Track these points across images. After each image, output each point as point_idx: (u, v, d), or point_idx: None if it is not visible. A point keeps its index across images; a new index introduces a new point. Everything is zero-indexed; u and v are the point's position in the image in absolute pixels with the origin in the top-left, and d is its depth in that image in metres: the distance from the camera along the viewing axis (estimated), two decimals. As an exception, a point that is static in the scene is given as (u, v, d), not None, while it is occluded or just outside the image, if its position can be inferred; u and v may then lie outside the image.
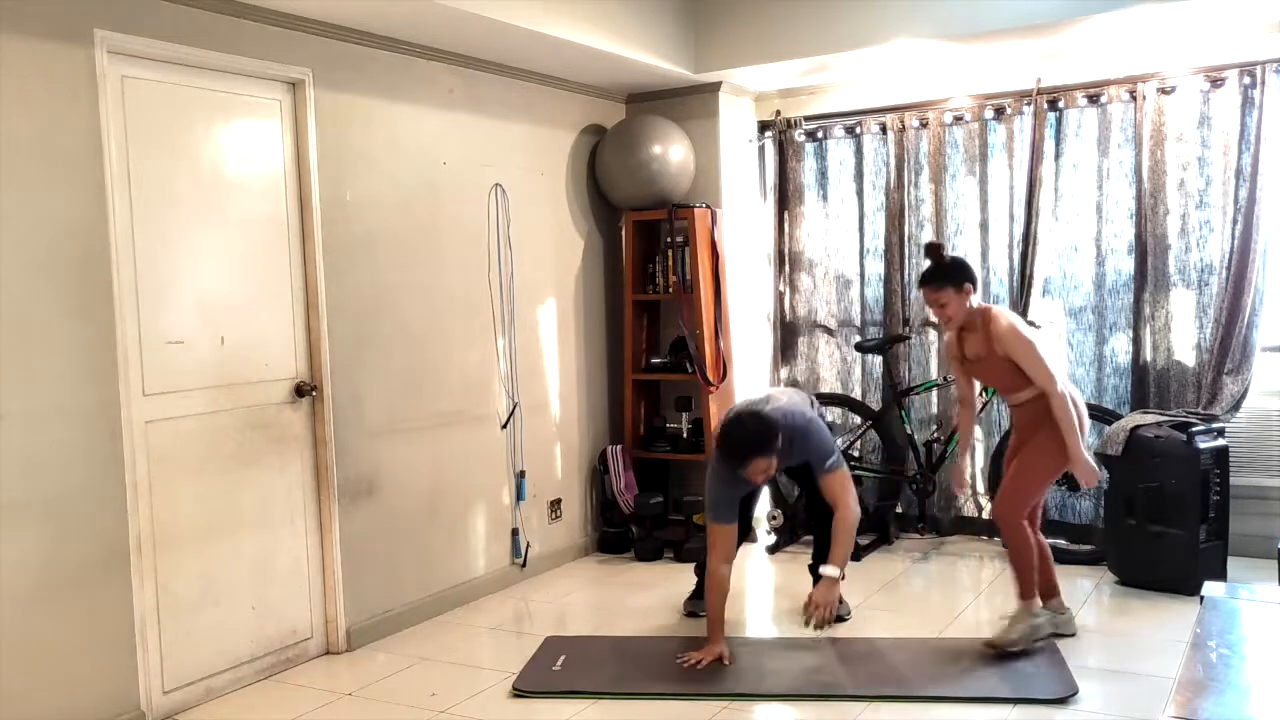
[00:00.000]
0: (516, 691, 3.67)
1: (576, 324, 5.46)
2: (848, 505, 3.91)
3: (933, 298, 3.85)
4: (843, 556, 3.90)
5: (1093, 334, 5.14)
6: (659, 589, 4.83)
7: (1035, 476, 3.82)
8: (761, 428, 3.75)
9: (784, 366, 5.89)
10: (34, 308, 3.17)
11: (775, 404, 3.97)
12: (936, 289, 3.82)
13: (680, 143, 5.39)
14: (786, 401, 4.02)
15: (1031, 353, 3.71)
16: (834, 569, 3.86)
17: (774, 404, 3.97)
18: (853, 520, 3.90)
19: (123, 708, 3.41)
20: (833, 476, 3.93)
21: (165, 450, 3.57)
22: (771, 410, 3.87)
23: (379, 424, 4.32)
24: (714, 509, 3.92)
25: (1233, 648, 2.24)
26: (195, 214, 3.67)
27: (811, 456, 3.93)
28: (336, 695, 3.74)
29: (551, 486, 5.29)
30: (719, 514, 3.90)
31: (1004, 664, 3.72)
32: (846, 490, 3.94)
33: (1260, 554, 4.57)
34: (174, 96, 3.61)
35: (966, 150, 5.38)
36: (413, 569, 4.49)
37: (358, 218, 4.23)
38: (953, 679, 3.62)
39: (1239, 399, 4.79)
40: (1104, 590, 4.56)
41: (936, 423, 5.51)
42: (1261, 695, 2.03)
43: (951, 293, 3.80)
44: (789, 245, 5.83)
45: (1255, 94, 4.70)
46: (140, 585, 3.46)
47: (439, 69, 4.60)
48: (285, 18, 3.89)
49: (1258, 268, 4.73)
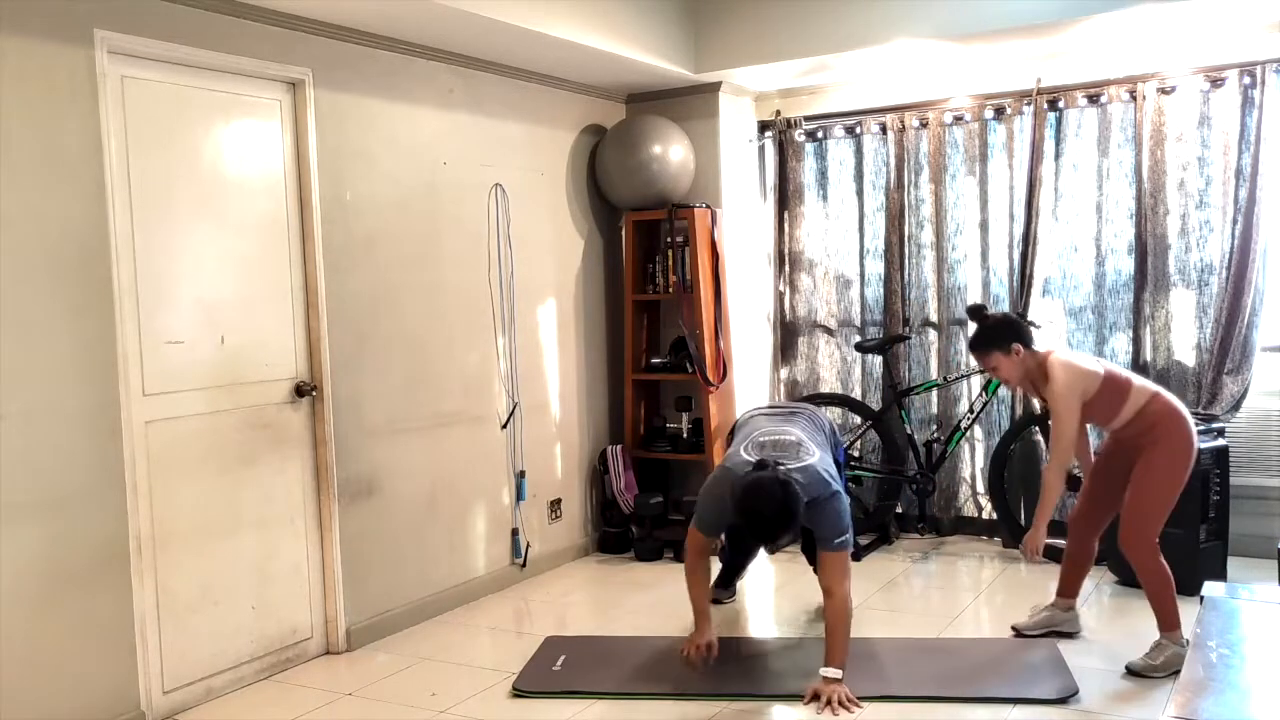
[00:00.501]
0: (516, 691, 3.67)
1: (576, 324, 5.46)
2: (844, 594, 3.44)
3: (982, 363, 3.77)
4: (842, 654, 3.45)
5: (1093, 334, 5.14)
6: (659, 589, 4.83)
7: (1157, 500, 3.57)
8: (790, 506, 3.27)
9: (784, 366, 5.89)
10: (34, 308, 3.17)
11: (804, 460, 3.48)
12: (983, 355, 3.73)
13: (680, 143, 5.39)
14: (816, 460, 3.51)
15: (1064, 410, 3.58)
16: (835, 671, 3.43)
17: (803, 459, 3.48)
18: (849, 610, 3.45)
19: (123, 708, 3.41)
20: (836, 556, 3.46)
21: (165, 450, 3.56)
22: (801, 474, 3.40)
23: (379, 424, 4.32)
24: (702, 521, 3.62)
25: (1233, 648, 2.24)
26: (195, 214, 3.67)
27: (823, 528, 3.47)
28: (336, 695, 3.74)
29: (551, 486, 5.29)
30: (704, 527, 3.62)
31: (1004, 664, 3.72)
32: (845, 575, 3.47)
33: (1260, 554, 4.57)
34: (174, 96, 3.61)
35: (966, 150, 5.38)
36: (413, 569, 4.49)
37: (358, 218, 4.23)
38: (953, 679, 3.62)
39: (1239, 399, 4.79)
40: (1104, 590, 4.57)
41: (936, 423, 5.51)
42: (1261, 695, 2.03)
43: (999, 356, 3.69)
44: (789, 245, 5.83)
45: (1255, 94, 4.70)
46: (140, 585, 3.46)
47: (439, 69, 4.60)
48: (285, 18, 3.89)
49: (1258, 268, 4.73)
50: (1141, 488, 3.58)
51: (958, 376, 5.37)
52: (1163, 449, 3.56)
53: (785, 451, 3.50)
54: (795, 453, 3.50)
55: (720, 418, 5.46)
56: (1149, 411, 3.61)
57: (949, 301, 5.45)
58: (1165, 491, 3.58)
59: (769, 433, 3.64)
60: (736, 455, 3.57)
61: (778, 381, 5.92)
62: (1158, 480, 3.57)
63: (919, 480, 5.31)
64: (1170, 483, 3.58)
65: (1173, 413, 3.61)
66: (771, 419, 3.86)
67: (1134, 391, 3.63)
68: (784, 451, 3.50)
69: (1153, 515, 3.58)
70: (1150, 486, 3.57)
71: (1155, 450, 3.57)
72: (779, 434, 3.62)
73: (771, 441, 3.56)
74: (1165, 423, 3.59)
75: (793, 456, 3.48)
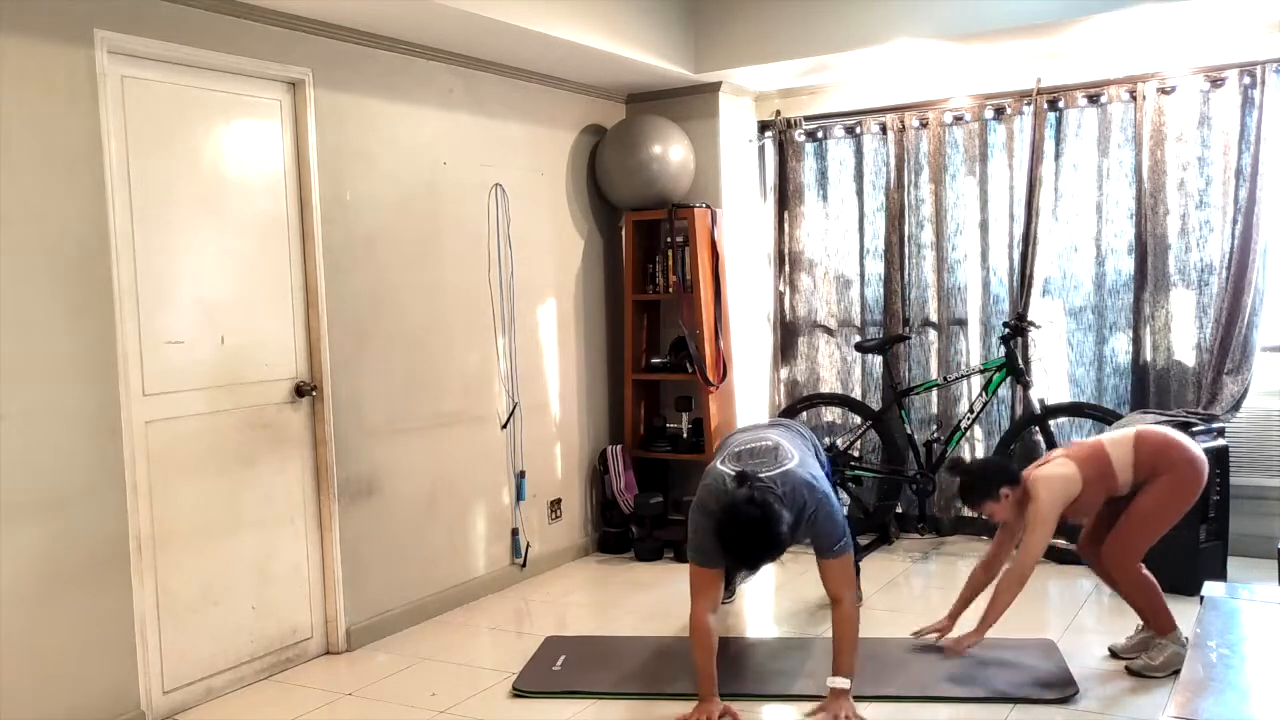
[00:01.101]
0: (516, 691, 3.67)
1: (576, 324, 5.46)
2: (850, 599, 3.35)
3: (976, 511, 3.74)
4: (850, 662, 3.34)
5: (1093, 334, 5.15)
6: (659, 589, 4.83)
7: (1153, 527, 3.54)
8: (771, 529, 3.13)
9: (784, 366, 5.89)
10: (34, 308, 3.17)
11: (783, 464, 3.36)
12: (975, 506, 3.70)
13: (680, 143, 5.39)
14: (795, 463, 3.38)
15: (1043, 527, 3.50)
16: (843, 680, 3.33)
17: (782, 464, 3.37)
18: (856, 615, 3.35)
19: (123, 708, 3.41)
20: (836, 562, 3.35)
21: (165, 450, 3.56)
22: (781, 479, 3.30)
23: (379, 424, 4.32)
24: (697, 551, 3.36)
25: (1233, 648, 2.24)
26: (195, 214, 3.67)
27: (818, 538, 3.35)
28: (336, 695, 3.74)
29: (551, 486, 5.29)
30: (703, 558, 3.34)
31: (1004, 664, 3.72)
32: (850, 579, 3.39)
33: (1260, 554, 4.56)
34: (174, 96, 3.61)
35: (966, 150, 5.38)
36: (413, 569, 4.49)
37: (358, 217, 4.23)
38: (953, 679, 3.62)
39: (1239, 399, 4.79)
40: (1104, 590, 4.56)
41: (936, 423, 5.51)
42: (1261, 695, 2.03)
43: (992, 505, 3.63)
44: (789, 245, 5.83)
45: (1255, 94, 4.70)
46: (140, 585, 3.46)
47: (439, 69, 4.60)
48: (285, 18, 3.89)
49: (1258, 268, 4.73)
50: (1141, 511, 3.53)
51: (958, 376, 5.37)
52: (1169, 479, 3.50)
53: (763, 458, 3.41)
54: (773, 457, 3.41)
55: (720, 418, 5.46)
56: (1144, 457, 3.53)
57: (949, 301, 5.45)
58: (1164, 520, 3.55)
59: (745, 442, 3.56)
60: (715, 469, 3.47)
61: (778, 381, 5.92)
62: (1160, 506, 3.52)
63: (919, 480, 5.31)
64: (1171, 512, 3.54)
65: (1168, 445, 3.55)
66: (747, 431, 3.81)
67: (1113, 452, 3.56)
68: (761, 458, 3.41)
69: (1145, 540, 3.56)
70: (1150, 512, 3.52)
71: (1162, 479, 3.51)
72: (755, 441, 3.54)
73: (749, 450, 3.48)
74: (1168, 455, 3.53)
75: (770, 462, 3.38)
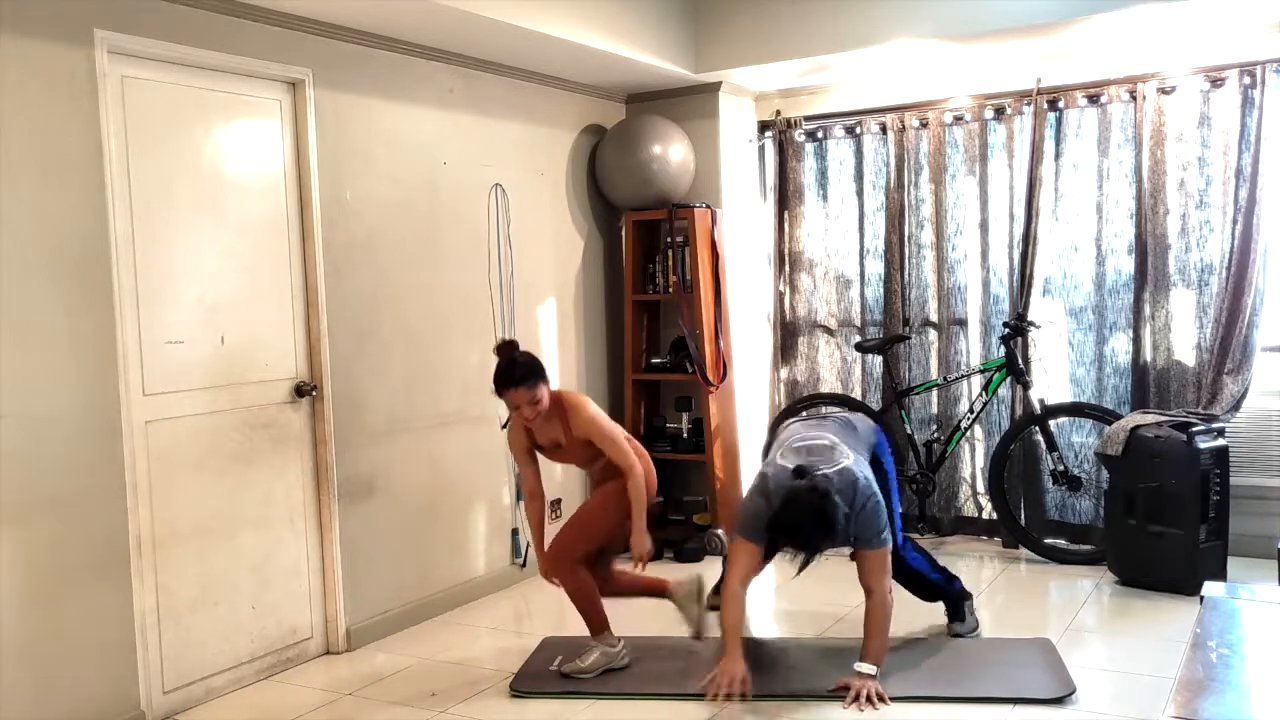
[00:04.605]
0: (515, 692, 3.67)
1: (576, 324, 5.46)
2: (884, 591, 3.48)
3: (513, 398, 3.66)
4: (879, 651, 3.49)
5: (1093, 334, 5.14)
6: (659, 589, 4.83)
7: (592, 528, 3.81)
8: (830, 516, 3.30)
9: (784, 366, 5.89)
10: (34, 308, 3.17)
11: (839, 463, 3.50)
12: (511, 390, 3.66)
13: (680, 143, 5.39)
14: (852, 463, 3.52)
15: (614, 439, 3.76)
16: (870, 666, 3.47)
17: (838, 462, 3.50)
18: (890, 608, 3.50)
19: (123, 708, 3.41)
20: (875, 554, 3.48)
21: (165, 450, 3.56)
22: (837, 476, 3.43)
23: (379, 424, 4.32)
24: (743, 525, 3.55)
25: (1233, 648, 2.23)
26: (195, 214, 3.67)
27: (863, 531, 3.46)
28: (336, 695, 3.74)
29: (551, 486, 5.27)
30: (746, 531, 3.52)
31: (1003, 664, 3.72)
32: (886, 572, 3.50)
33: (1260, 554, 4.56)
34: (174, 96, 3.61)
35: (966, 150, 5.38)
36: (413, 569, 4.49)
37: (358, 217, 4.23)
38: (952, 679, 3.62)
39: (1239, 399, 4.79)
40: (1104, 590, 4.56)
41: (936, 423, 5.51)
42: (1261, 695, 2.03)
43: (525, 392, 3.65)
44: (789, 245, 5.83)
45: (1255, 94, 4.70)
46: (140, 585, 3.46)
47: (439, 69, 4.60)
48: (285, 18, 3.89)
49: (1258, 268, 4.73)
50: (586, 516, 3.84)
51: (958, 376, 5.37)
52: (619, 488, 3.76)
53: (820, 456, 3.54)
54: (830, 456, 3.54)
55: (720, 418, 5.46)
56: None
57: (949, 301, 5.45)
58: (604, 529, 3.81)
59: (804, 438, 3.67)
60: (774, 463, 3.60)
61: (778, 381, 5.92)
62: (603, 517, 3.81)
63: (919, 480, 5.31)
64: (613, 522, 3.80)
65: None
66: (805, 425, 3.90)
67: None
68: (819, 456, 3.54)
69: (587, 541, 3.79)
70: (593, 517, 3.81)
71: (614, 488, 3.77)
72: (812, 439, 3.65)
73: (806, 447, 3.60)
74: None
75: (827, 460, 3.51)
